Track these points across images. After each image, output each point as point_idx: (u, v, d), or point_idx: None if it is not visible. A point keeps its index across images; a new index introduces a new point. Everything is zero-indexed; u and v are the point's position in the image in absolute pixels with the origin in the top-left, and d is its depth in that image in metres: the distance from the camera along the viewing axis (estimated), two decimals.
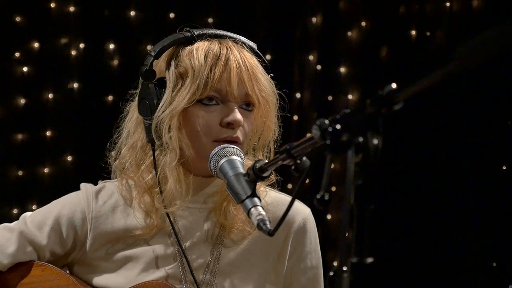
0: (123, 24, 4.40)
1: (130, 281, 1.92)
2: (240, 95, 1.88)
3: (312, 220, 2.01)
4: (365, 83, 4.45)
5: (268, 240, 1.95)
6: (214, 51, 1.87)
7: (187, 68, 1.87)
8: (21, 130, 4.36)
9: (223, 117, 1.87)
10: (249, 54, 1.92)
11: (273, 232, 1.52)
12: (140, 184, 1.94)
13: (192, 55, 1.88)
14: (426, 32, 4.41)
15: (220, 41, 1.91)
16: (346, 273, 1.15)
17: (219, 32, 1.94)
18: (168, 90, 1.88)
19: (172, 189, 1.88)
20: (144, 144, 1.93)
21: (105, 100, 4.38)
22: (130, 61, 4.32)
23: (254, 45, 1.96)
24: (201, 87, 1.85)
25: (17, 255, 1.97)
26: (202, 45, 1.89)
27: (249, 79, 1.88)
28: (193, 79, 1.86)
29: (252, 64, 1.90)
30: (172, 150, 1.87)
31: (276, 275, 1.97)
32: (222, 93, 1.87)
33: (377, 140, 1.16)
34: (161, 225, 1.93)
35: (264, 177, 1.57)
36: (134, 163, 1.95)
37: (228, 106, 1.87)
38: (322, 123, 1.22)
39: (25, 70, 4.37)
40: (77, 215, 1.96)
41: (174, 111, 1.86)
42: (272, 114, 1.94)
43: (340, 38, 4.48)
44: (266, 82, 1.92)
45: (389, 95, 1.14)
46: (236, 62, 1.87)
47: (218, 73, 1.85)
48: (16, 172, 4.36)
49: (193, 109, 1.87)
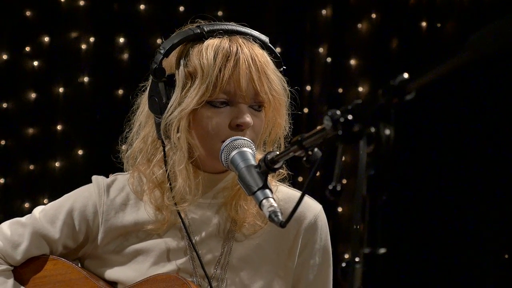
0: (133, 17, 4.40)
1: (141, 274, 1.92)
2: (250, 95, 1.86)
3: (324, 217, 2.00)
4: (375, 75, 4.43)
5: (279, 235, 1.95)
6: (224, 50, 1.85)
7: (196, 68, 1.85)
8: (32, 124, 4.37)
9: (233, 119, 1.84)
10: (260, 51, 1.89)
11: (285, 224, 1.51)
12: (150, 179, 1.93)
13: (201, 54, 1.85)
14: (436, 24, 4.39)
15: (230, 39, 1.87)
16: (358, 264, 1.14)
17: (230, 27, 1.90)
18: (177, 90, 1.86)
19: (182, 188, 1.88)
20: (154, 139, 1.93)
21: (115, 93, 4.38)
22: (140, 55, 4.33)
23: (266, 38, 1.93)
24: (210, 89, 1.83)
25: (30, 250, 1.98)
26: (212, 44, 1.86)
27: (259, 79, 1.85)
28: (202, 80, 1.83)
29: (263, 62, 1.87)
30: (181, 151, 1.86)
31: (286, 271, 1.96)
32: (231, 94, 1.85)
33: (389, 130, 1.15)
34: (173, 220, 1.93)
35: (276, 168, 1.56)
36: (145, 157, 1.94)
37: (238, 107, 1.85)
38: (333, 114, 1.21)
39: (35, 65, 4.38)
40: (89, 209, 1.96)
41: (182, 112, 1.84)
42: (282, 112, 1.92)
43: (350, 31, 4.46)
44: (277, 80, 1.89)
45: (401, 85, 1.13)
46: (246, 62, 1.84)
47: (227, 75, 1.83)
48: (28, 166, 4.38)
49: (202, 110, 1.85)
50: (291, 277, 1.97)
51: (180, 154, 1.86)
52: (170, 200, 1.90)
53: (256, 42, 1.90)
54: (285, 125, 1.93)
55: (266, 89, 1.86)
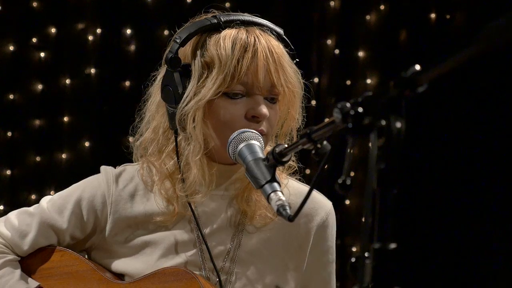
0: (140, 9, 4.39)
1: (148, 266, 1.91)
2: (266, 86, 1.85)
3: (334, 214, 2.01)
4: (384, 67, 4.41)
5: (290, 230, 1.94)
6: (241, 41, 1.84)
7: (213, 58, 1.84)
8: (38, 116, 4.37)
9: (249, 110, 1.84)
10: (276, 43, 1.88)
11: (293, 218, 1.49)
12: (161, 170, 1.92)
13: (219, 44, 1.84)
14: (446, 15, 4.36)
15: (247, 29, 1.86)
16: (368, 259, 1.13)
17: (246, 18, 1.90)
18: (193, 80, 1.85)
19: (196, 179, 1.87)
20: (166, 129, 1.91)
21: (122, 85, 4.37)
22: (147, 46, 4.32)
23: (281, 30, 1.92)
24: (228, 80, 1.82)
25: (38, 240, 1.97)
26: (229, 34, 1.85)
27: (276, 70, 1.85)
28: (219, 71, 1.82)
29: (279, 54, 1.86)
30: (196, 142, 1.85)
31: (296, 266, 1.96)
32: (248, 85, 1.84)
33: (400, 123, 1.13)
34: (182, 212, 1.91)
35: (284, 161, 1.55)
36: (156, 148, 1.93)
37: (254, 99, 1.84)
38: (343, 106, 1.19)
39: (42, 56, 4.37)
40: (97, 199, 1.95)
41: (200, 103, 1.83)
42: (297, 104, 1.91)
43: (358, 22, 4.44)
44: (293, 72, 1.89)
45: (413, 77, 1.11)
46: (263, 53, 1.84)
47: (246, 66, 1.82)
48: (34, 158, 4.38)
49: (218, 101, 1.84)
50: (301, 273, 1.96)
51: (196, 145, 1.85)
52: (182, 191, 1.89)
53: (273, 33, 1.89)
54: (298, 117, 1.92)
55: (282, 81, 1.86)
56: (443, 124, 4.25)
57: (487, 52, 1.06)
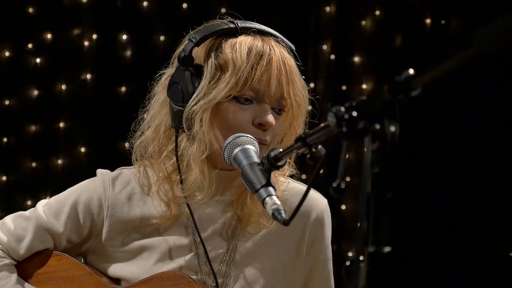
0: (136, 14, 4.39)
1: (145, 271, 1.92)
2: (276, 96, 1.87)
3: (329, 211, 2.01)
4: (379, 72, 4.41)
5: (285, 231, 1.94)
6: (257, 48, 1.85)
7: (228, 61, 1.85)
8: (34, 122, 4.36)
9: (256, 117, 1.85)
10: (289, 55, 1.90)
11: (288, 222, 1.50)
12: (160, 170, 1.92)
13: (235, 49, 1.85)
14: (441, 21, 4.37)
15: (263, 38, 1.88)
16: (363, 262, 1.13)
17: (262, 28, 1.91)
18: (204, 80, 1.86)
19: (196, 182, 1.87)
20: (167, 128, 1.92)
21: (118, 91, 4.37)
22: (143, 52, 4.31)
23: (292, 46, 1.94)
24: (240, 84, 1.83)
25: (34, 244, 1.97)
26: (245, 40, 1.87)
27: (287, 82, 1.87)
28: (233, 74, 1.84)
29: (291, 67, 1.89)
30: (202, 143, 1.85)
31: (293, 266, 1.96)
32: (259, 93, 1.85)
33: (394, 127, 1.13)
34: (179, 215, 1.92)
35: (279, 166, 1.55)
36: (156, 148, 1.93)
37: (262, 107, 1.86)
38: (338, 110, 1.20)
39: (38, 62, 4.37)
40: (93, 202, 1.96)
41: (209, 103, 1.83)
42: (301, 119, 1.92)
43: (354, 27, 4.44)
44: (302, 87, 1.91)
45: (407, 81, 1.12)
46: (277, 63, 1.86)
47: (259, 73, 1.84)
48: (30, 163, 4.37)
49: (227, 104, 1.85)
50: (299, 272, 1.96)
51: (200, 145, 1.85)
52: (181, 192, 1.89)
53: (285, 46, 1.91)
54: (300, 132, 1.93)
55: (291, 94, 1.88)
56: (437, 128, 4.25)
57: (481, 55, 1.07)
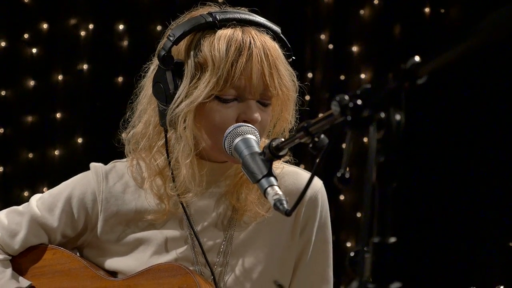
0: (133, 4, 4.37)
1: (142, 263, 1.91)
2: (259, 90, 1.83)
3: (324, 193, 1.98)
4: (378, 62, 4.40)
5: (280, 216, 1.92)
6: (236, 42, 1.80)
7: (207, 59, 1.81)
8: (31, 112, 4.35)
9: (240, 114, 1.82)
10: (272, 44, 1.85)
11: (290, 212, 1.49)
12: (151, 166, 1.90)
13: (213, 46, 1.81)
14: (440, 9, 4.35)
15: (243, 30, 1.83)
16: (368, 253, 1.11)
17: (242, 16, 1.85)
18: (185, 80, 1.82)
19: (186, 180, 1.85)
20: (156, 124, 1.89)
21: (115, 81, 4.35)
22: (140, 42, 4.29)
23: (278, 29, 1.89)
24: (221, 83, 1.80)
25: (28, 239, 1.96)
26: (224, 35, 1.82)
27: (270, 74, 1.82)
28: (212, 73, 1.80)
29: (275, 57, 1.83)
30: (186, 143, 1.83)
31: (289, 251, 1.95)
32: (241, 89, 1.81)
33: (399, 115, 1.12)
34: (174, 210, 1.90)
35: (281, 155, 1.54)
36: (147, 143, 1.91)
37: (246, 103, 1.82)
38: (342, 99, 1.18)
39: (34, 52, 4.35)
40: (88, 196, 1.94)
41: (191, 105, 1.80)
42: (290, 107, 1.89)
43: (352, 17, 4.42)
44: (287, 75, 1.86)
45: (413, 68, 1.10)
46: (258, 57, 1.81)
47: (239, 71, 1.79)
48: (27, 154, 4.35)
49: (210, 104, 1.81)
50: (295, 254, 1.95)
51: (186, 146, 1.83)
52: (173, 191, 1.87)
53: (269, 33, 1.86)
54: (290, 119, 1.91)
55: (276, 85, 1.83)
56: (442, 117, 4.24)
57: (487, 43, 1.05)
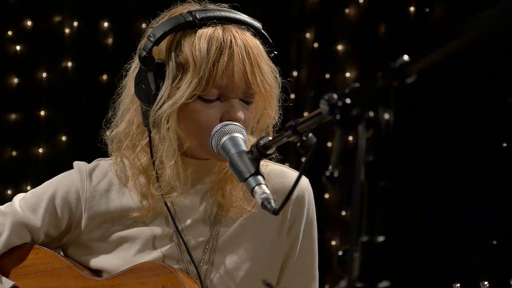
0: (117, 2, 4.36)
1: (126, 262, 1.90)
2: (242, 88, 1.82)
3: (311, 191, 1.98)
4: (363, 60, 4.41)
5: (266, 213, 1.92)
6: (217, 42, 1.79)
7: (188, 59, 1.80)
8: (14, 110, 4.33)
9: (224, 113, 1.81)
10: (254, 41, 1.84)
11: (278, 211, 1.49)
12: (135, 165, 1.89)
13: (194, 45, 1.80)
14: (425, 9, 4.36)
15: (223, 28, 1.82)
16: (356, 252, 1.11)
17: (223, 14, 1.84)
18: (167, 81, 1.81)
19: (171, 180, 1.85)
20: (139, 123, 1.89)
21: (99, 79, 4.34)
22: (125, 39, 4.28)
23: (259, 25, 1.88)
24: (203, 84, 1.79)
25: (11, 240, 1.94)
26: (205, 34, 1.81)
27: (252, 72, 1.82)
28: (194, 74, 1.79)
29: (256, 54, 1.83)
30: (170, 144, 1.82)
31: (275, 247, 1.94)
32: (223, 88, 1.81)
33: (388, 114, 1.11)
34: (159, 208, 1.90)
35: (268, 154, 1.54)
36: (130, 143, 1.90)
37: (229, 102, 1.82)
38: (330, 97, 1.17)
39: (18, 49, 4.33)
40: (71, 195, 1.93)
41: (173, 106, 1.79)
42: (273, 103, 1.89)
43: (337, 15, 4.43)
44: (270, 72, 1.86)
45: (401, 67, 1.10)
46: (239, 55, 1.80)
47: (221, 70, 1.79)
48: (10, 152, 4.33)
49: (193, 104, 1.81)
50: (282, 253, 1.95)
51: (169, 147, 1.82)
52: (157, 190, 1.86)
53: (250, 30, 1.86)
54: (274, 115, 1.90)
55: (258, 82, 1.83)
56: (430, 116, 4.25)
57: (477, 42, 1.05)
